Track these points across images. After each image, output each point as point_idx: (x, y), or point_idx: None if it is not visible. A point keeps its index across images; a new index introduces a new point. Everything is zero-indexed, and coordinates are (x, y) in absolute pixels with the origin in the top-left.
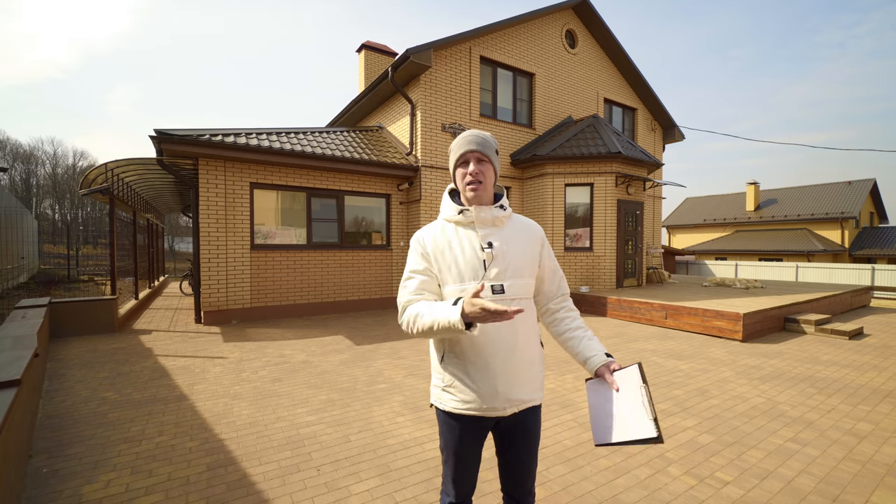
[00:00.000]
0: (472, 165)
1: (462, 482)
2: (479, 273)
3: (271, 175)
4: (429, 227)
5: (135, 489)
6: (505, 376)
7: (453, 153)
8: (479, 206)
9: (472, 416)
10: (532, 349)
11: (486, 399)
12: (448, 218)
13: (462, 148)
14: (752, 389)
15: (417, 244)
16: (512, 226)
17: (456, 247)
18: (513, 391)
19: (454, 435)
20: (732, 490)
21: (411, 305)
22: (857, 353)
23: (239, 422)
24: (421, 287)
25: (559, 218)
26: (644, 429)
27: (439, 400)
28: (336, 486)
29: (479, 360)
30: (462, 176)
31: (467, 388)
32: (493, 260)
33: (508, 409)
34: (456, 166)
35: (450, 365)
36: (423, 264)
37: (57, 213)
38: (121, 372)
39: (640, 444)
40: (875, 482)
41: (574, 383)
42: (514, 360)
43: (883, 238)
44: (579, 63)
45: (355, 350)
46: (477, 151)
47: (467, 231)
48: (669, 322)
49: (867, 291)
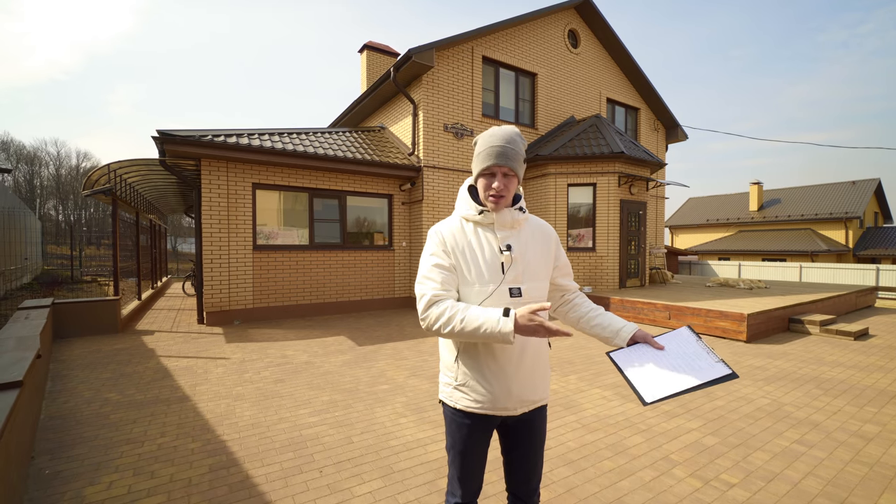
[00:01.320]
0: (498, 182)
1: (469, 481)
2: (498, 276)
3: (273, 175)
4: (447, 222)
5: (137, 491)
6: (519, 377)
7: (480, 159)
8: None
9: (483, 414)
10: (543, 351)
11: (499, 399)
12: (467, 216)
13: (491, 159)
14: (756, 391)
15: (438, 238)
16: (529, 228)
17: (476, 247)
18: (526, 392)
19: (462, 433)
20: (738, 493)
21: (441, 301)
22: (863, 353)
23: (241, 423)
24: (447, 282)
25: (562, 218)
26: (714, 370)
27: (450, 398)
28: (338, 487)
29: (493, 362)
30: (485, 187)
31: (482, 387)
32: (512, 263)
33: (519, 409)
34: (481, 174)
35: (464, 364)
36: (448, 260)
37: (60, 213)
38: (123, 373)
39: (711, 385)
40: (883, 485)
41: (577, 384)
42: (529, 361)
43: (887, 238)
44: (582, 63)
45: (357, 351)
46: (505, 167)
47: (486, 232)
48: (673, 322)
49: (872, 292)
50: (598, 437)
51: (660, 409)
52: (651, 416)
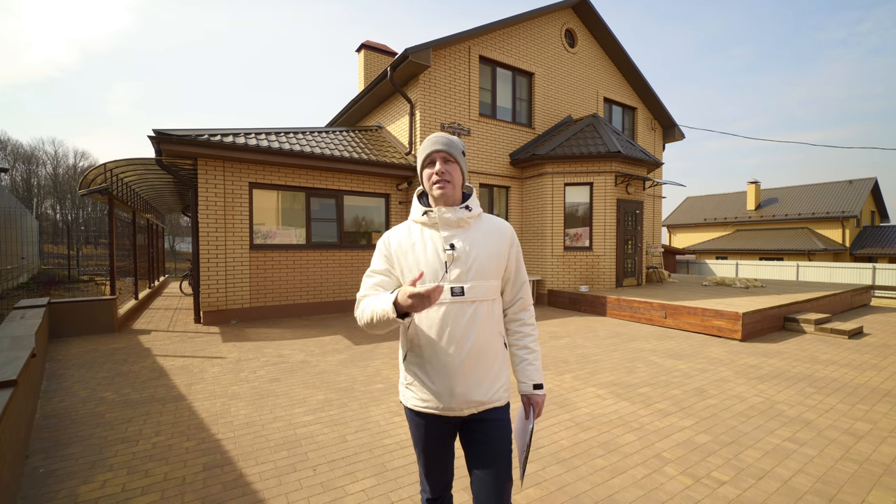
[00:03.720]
0: (439, 165)
1: (433, 478)
2: (440, 274)
3: (270, 175)
4: (396, 228)
5: (131, 489)
6: (463, 377)
7: (420, 155)
8: (442, 207)
9: (432, 414)
10: (495, 350)
11: (442, 399)
12: (415, 219)
13: (428, 148)
14: (750, 389)
15: (383, 245)
16: (480, 227)
17: (419, 248)
18: (470, 392)
19: (420, 432)
20: (729, 490)
21: (363, 300)
22: (857, 352)
23: (236, 422)
24: (376, 286)
25: (559, 217)
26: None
27: (403, 396)
28: (332, 485)
29: (436, 361)
30: (429, 176)
31: (425, 387)
32: (455, 261)
33: (466, 410)
34: (423, 167)
35: (411, 364)
36: (383, 265)
37: (58, 213)
38: (119, 372)
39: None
40: (872, 482)
41: (572, 383)
42: (473, 361)
43: (884, 237)
44: (579, 62)
45: (354, 350)
46: (443, 151)
47: (432, 232)
48: (669, 321)
49: (867, 290)
50: (591, 435)
51: (654, 408)
52: (644, 414)
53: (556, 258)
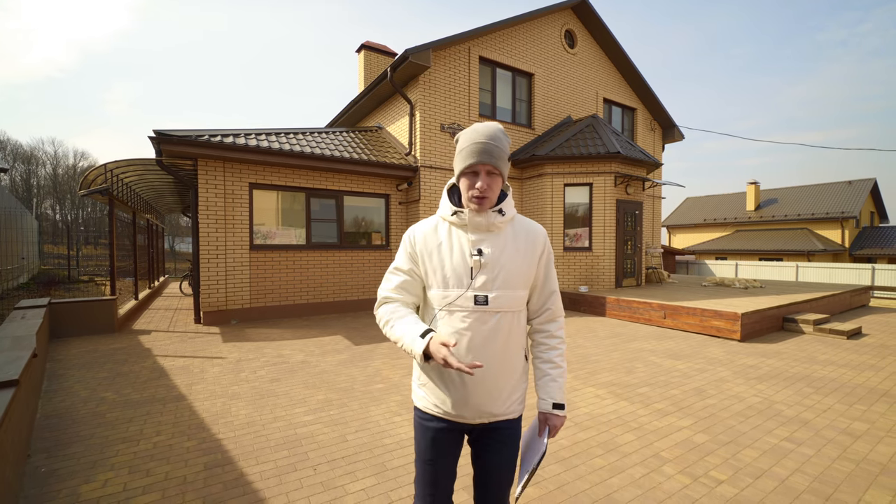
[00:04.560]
0: (481, 181)
1: (432, 489)
2: (465, 280)
3: (270, 175)
4: (424, 223)
5: (132, 488)
6: (480, 389)
7: (462, 156)
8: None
9: (442, 418)
10: (514, 364)
11: (455, 406)
12: (443, 216)
13: (473, 157)
14: (748, 389)
15: (408, 241)
16: (512, 231)
17: (445, 249)
18: (485, 404)
19: (426, 436)
20: (726, 489)
21: (387, 305)
22: (855, 352)
23: (237, 421)
24: (401, 286)
25: (558, 218)
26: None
27: (415, 395)
28: (332, 485)
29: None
30: (468, 187)
31: (440, 391)
32: (482, 268)
33: (477, 419)
34: (463, 172)
35: (429, 365)
36: (408, 264)
37: (58, 213)
38: (120, 372)
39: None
40: (869, 481)
41: (572, 383)
42: (491, 373)
43: (883, 237)
44: (578, 63)
45: (354, 350)
46: (489, 165)
47: (459, 233)
48: (668, 322)
49: (866, 291)
50: (590, 434)
51: (652, 408)
52: (643, 414)
53: (556, 258)
